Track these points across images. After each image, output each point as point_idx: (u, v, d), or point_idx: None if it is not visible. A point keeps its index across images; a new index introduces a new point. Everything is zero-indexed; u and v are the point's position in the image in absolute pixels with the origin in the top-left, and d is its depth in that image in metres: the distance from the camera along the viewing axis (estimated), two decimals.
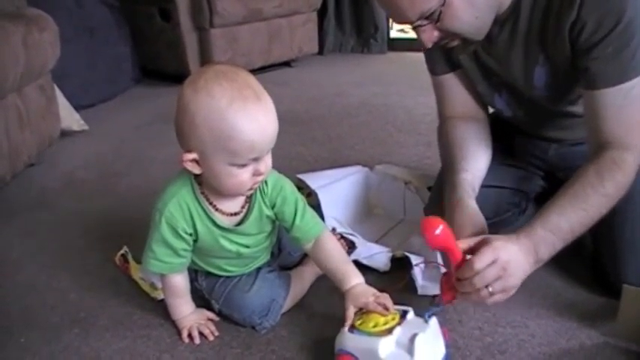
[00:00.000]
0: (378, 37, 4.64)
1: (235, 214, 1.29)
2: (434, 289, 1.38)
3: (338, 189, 1.79)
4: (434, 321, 1.17)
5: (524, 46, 1.35)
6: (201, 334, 1.33)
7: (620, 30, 1.19)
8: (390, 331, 1.14)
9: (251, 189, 1.22)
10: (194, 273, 1.40)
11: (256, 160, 1.16)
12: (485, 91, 1.53)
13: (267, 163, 1.19)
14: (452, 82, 1.56)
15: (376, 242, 1.68)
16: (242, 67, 1.19)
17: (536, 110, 1.49)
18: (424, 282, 1.45)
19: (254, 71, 3.86)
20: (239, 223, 1.30)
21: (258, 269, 1.41)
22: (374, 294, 1.23)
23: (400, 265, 1.52)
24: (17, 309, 1.50)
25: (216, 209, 1.27)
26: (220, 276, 1.39)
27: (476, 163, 1.47)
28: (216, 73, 1.12)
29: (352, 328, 1.19)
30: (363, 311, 1.22)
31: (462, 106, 1.58)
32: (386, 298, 1.20)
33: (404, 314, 1.18)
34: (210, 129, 1.11)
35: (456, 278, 1.15)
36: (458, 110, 1.58)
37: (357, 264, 1.42)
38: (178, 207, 1.24)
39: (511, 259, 1.13)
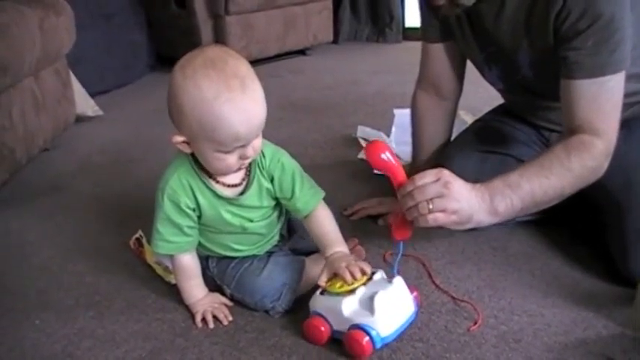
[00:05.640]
0: (394, 26, 4.62)
1: (235, 185, 1.30)
2: None
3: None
4: (398, 280, 1.22)
5: (510, 27, 1.38)
6: (215, 318, 1.33)
7: (603, 24, 1.21)
8: (354, 291, 1.20)
9: (239, 168, 1.25)
10: (205, 261, 1.40)
11: (243, 146, 1.18)
12: (478, 62, 1.57)
13: (254, 146, 1.21)
14: (438, 52, 1.64)
15: None
16: (236, 52, 1.20)
17: (526, 90, 1.53)
18: None
19: (269, 59, 3.92)
20: (240, 194, 1.31)
21: (270, 253, 1.41)
22: (348, 261, 1.25)
23: None
24: (33, 291, 1.50)
25: (217, 182, 1.28)
26: (231, 258, 1.39)
27: (431, 147, 1.72)
28: (204, 61, 1.13)
29: (323, 290, 1.25)
30: (334, 275, 1.27)
31: (439, 78, 1.68)
32: (357, 266, 1.23)
33: (371, 275, 1.23)
34: (196, 119, 1.13)
35: (400, 196, 1.20)
36: (434, 81, 1.70)
37: None
38: (179, 183, 1.27)
39: (455, 184, 1.18)
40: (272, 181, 1.32)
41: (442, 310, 1.33)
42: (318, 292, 1.26)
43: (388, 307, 1.16)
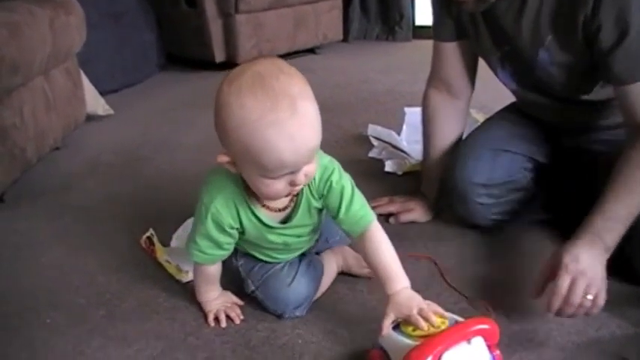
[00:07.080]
0: (404, 25, 4.60)
1: (283, 209, 1.24)
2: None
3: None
4: (478, 341, 1.06)
5: (532, 25, 1.37)
6: (226, 317, 1.33)
7: (637, 31, 1.21)
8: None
9: (289, 194, 1.17)
10: (234, 250, 1.34)
11: (292, 172, 1.07)
12: (492, 61, 1.57)
13: (307, 172, 1.09)
14: (450, 51, 1.64)
15: None
16: (291, 67, 1.08)
17: (539, 90, 1.52)
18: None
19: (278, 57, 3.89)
20: (286, 219, 1.25)
21: (300, 261, 1.36)
22: (419, 305, 1.11)
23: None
24: (43, 290, 1.50)
25: (263, 205, 1.22)
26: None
27: (442, 146, 1.71)
28: (252, 77, 1.01)
29: (396, 327, 1.13)
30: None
31: (450, 77, 1.68)
32: (431, 312, 1.09)
33: (452, 323, 1.09)
34: (240, 140, 1.03)
35: (555, 313, 1.17)
36: (445, 80, 1.70)
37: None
38: (224, 203, 1.19)
39: (585, 265, 1.16)
40: (321, 198, 1.24)
41: (454, 309, 1.31)
42: (391, 329, 1.12)
43: None
